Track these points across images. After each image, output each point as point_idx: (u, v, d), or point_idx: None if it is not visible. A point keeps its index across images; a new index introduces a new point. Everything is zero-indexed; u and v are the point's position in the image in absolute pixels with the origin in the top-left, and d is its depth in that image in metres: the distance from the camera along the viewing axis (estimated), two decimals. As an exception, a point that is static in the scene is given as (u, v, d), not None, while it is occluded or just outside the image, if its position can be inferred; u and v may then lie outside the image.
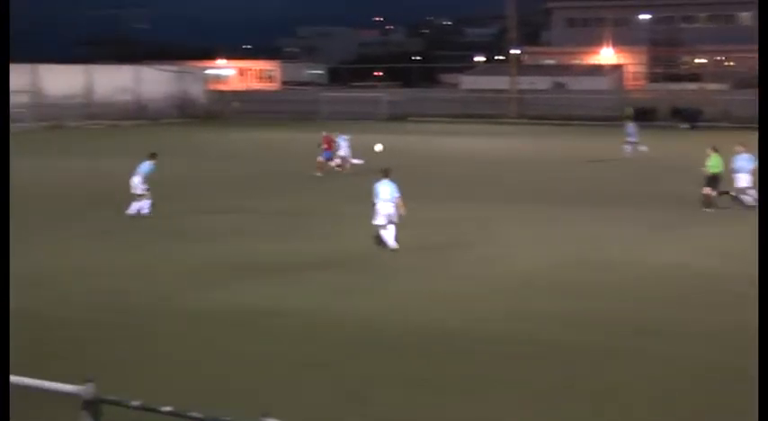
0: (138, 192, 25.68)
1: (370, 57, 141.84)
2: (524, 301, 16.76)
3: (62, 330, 14.91)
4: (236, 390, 11.87)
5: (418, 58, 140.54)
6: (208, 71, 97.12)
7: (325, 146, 37.44)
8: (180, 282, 18.36)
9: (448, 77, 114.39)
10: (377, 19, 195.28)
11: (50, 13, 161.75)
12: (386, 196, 21.38)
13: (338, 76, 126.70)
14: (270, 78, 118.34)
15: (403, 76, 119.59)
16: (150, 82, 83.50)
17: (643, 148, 42.91)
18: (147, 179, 25.95)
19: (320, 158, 37.06)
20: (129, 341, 14.23)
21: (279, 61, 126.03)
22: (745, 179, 27.63)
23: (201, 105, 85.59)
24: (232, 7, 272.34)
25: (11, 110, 70.96)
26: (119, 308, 16.27)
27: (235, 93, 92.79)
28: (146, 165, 26.10)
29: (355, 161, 37.53)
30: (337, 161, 37.39)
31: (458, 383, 12.24)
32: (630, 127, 44.53)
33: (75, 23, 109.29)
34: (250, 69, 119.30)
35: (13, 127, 71.18)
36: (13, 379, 7.76)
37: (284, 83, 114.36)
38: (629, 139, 43.85)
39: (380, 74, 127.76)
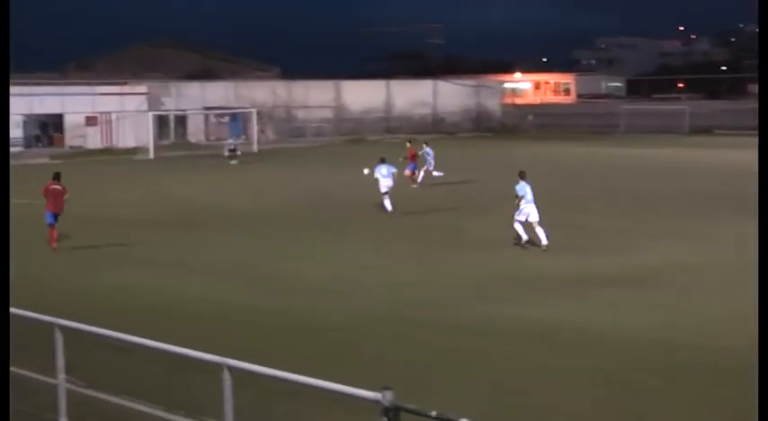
0: (383, 189, 30.14)
1: (672, 68, 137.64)
2: None
3: (341, 336, 15.39)
4: (536, 405, 11.76)
5: (724, 67, 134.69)
6: (504, 85, 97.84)
7: (409, 158, 38.71)
8: (463, 293, 18.47)
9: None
10: (680, 28, 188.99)
11: (351, 30, 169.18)
12: (530, 197, 22.85)
13: (637, 89, 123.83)
14: (566, 92, 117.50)
15: (707, 87, 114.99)
16: (446, 96, 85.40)
17: None
18: (393, 179, 30.53)
19: (407, 171, 38.14)
20: (416, 353, 14.44)
21: (575, 74, 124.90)
22: None
23: (497, 119, 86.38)
24: (530, 20, 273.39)
25: (315, 125, 74.81)
26: (404, 318, 16.55)
27: (531, 106, 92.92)
28: (387, 168, 30.57)
29: (436, 174, 38.79)
30: (435, 173, 38.74)
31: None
32: None
33: (374, 40, 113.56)
34: (546, 82, 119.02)
35: (315, 140, 75.41)
36: (311, 381, 8.00)
37: (579, 96, 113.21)
38: None
39: (683, 85, 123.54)
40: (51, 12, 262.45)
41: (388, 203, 30.02)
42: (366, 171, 31.82)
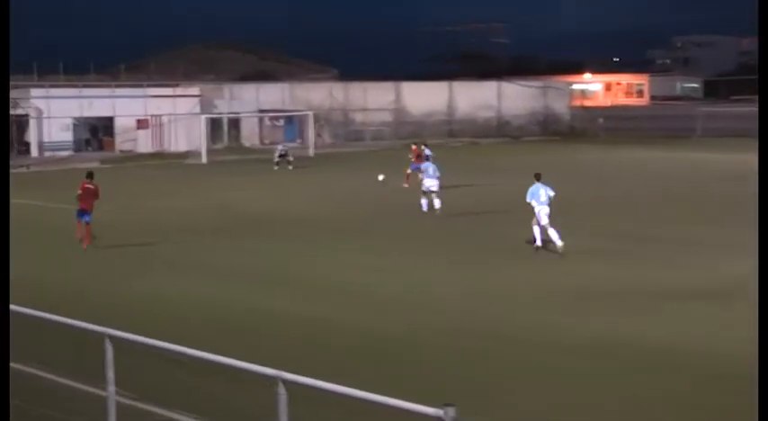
0: (434, 188, 31.31)
1: (754, 67, 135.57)
2: None
3: (406, 351, 15.41)
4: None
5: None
6: (573, 86, 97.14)
7: (414, 158, 39.35)
8: (528, 306, 18.42)
9: None
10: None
11: (412, 30, 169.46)
12: (544, 199, 23.80)
13: (715, 90, 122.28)
14: (639, 93, 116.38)
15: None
16: (512, 98, 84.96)
17: None
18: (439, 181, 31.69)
19: (408, 170, 38.93)
20: (478, 367, 14.44)
21: (648, 74, 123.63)
22: None
23: (565, 122, 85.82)
24: (601, 18, 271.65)
25: (374, 128, 75.07)
26: (469, 331, 16.54)
27: (601, 109, 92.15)
28: (433, 168, 31.78)
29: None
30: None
31: None
32: None
33: (436, 40, 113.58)
34: (618, 83, 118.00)
35: (374, 144, 75.51)
36: (370, 396, 8.04)
37: (653, 98, 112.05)
38: None
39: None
40: (102, 13, 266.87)
41: (435, 203, 31.19)
42: (381, 177, 31.89)
